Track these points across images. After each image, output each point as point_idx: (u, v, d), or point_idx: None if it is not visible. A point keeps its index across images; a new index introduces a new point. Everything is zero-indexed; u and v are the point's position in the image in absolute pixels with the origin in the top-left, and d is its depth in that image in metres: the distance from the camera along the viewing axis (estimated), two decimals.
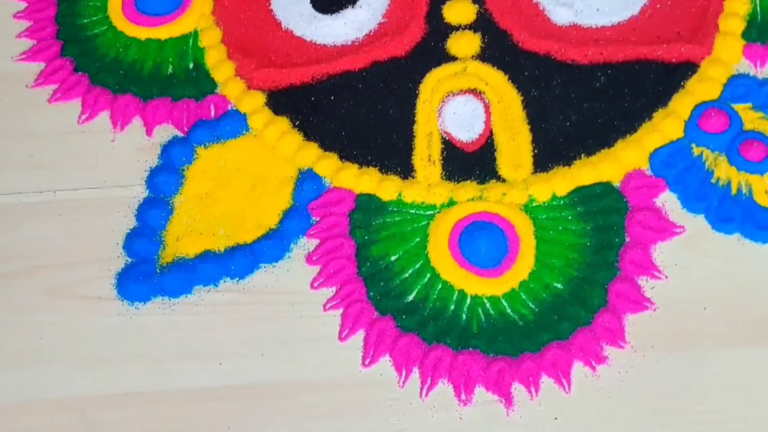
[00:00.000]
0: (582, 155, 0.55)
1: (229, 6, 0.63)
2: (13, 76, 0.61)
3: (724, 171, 0.53)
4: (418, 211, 0.54)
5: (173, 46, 0.61)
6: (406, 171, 0.55)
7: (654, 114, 0.55)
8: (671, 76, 0.56)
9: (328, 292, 0.52)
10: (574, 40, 0.58)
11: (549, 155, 0.55)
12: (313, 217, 0.54)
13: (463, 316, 0.50)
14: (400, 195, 0.54)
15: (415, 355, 0.49)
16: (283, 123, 0.57)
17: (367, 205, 0.54)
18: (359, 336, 0.50)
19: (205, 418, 0.49)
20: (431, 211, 0.54)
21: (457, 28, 0.60)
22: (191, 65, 0.61)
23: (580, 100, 0.57)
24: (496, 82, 0.58)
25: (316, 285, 0.52)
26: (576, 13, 0.60)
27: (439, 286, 0.51)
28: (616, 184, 0.53)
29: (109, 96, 0.60)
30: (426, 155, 0.56)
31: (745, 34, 0.57)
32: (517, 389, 0.48)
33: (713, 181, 0.53)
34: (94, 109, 0.59)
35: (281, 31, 0.61)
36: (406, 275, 0.52)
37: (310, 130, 0.57)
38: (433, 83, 0.58)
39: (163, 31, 0.62)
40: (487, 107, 0.57)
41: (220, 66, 0.60)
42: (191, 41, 0.61)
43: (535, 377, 0.48)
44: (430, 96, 0.58)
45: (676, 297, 0.50)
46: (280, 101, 0.59)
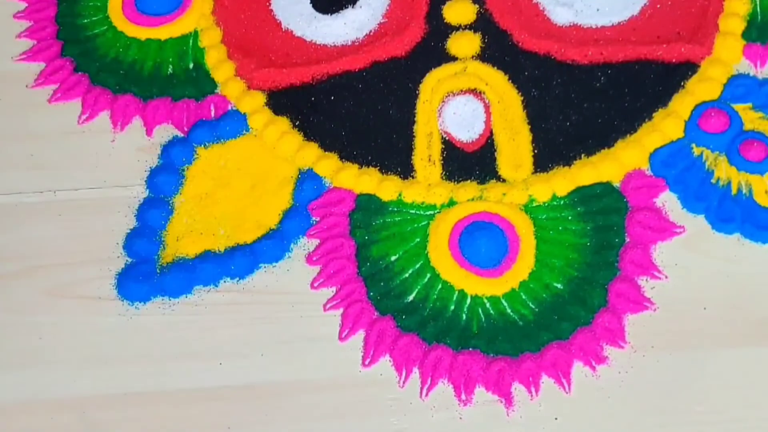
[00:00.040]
0: (582, 155, 0.55)
1: (229, 6, 0.63)
2: (13, 76, 0.61)
3: (724, 171, 0.53)
4: (418, 211, 0.54)
5: (173, 46, 0.61)
6: (406, 171, 0.55)
7: (654, 114, 0.55)
8: (671, 76, 0.56)
9: (328, 292, 0.52)
10: (574, 40, 0.58)
11: (549, 155, 0.55)
12: (313, 217, 0.54)
13: (463, 316, 0.50)
14: (400, 195, 0.54)
15: (415, 355, 0.49)
16: (283, 123, 0.57)
17: (367, 205, 0.54)
18: (359, 336, 0.50)
19: (205, 418, 0.49)
20: (431, 211, 0.54)
21: (457, 28, 0.60)
22: (191, 65, 0.61)
23: (580, 100, 0.56)
24: (496, 82, 0.58)
25: (316, 285, 0.52)
26: (576, 13, 0.59)
27: (439, 286, 0.51)
28: (616, 184, 0.53)
29: (109, 96, 0.60)
30: (426, 155, 0.56)
31: (745, 34, 0.57)
32: (517, 389, 0.48)
33: (713, 181, 0.53)
34: (94, 109, 0.59)
35: (281, 31, 0.61)
36: (406, 275, 0.52)
37: (310, 130, 0.57)
38: (433, 83, 0.58)
39: (163, 31, 0.62)
40: (487, 107, 0.57)
41: (220, 66, 0.60)
42: (191, 41, 0.61)
43: (535, 377, 0.48)
44: (430, 96, 0.57)
45: (676, 297, 0.50)
46: (280, 101, 0.59)
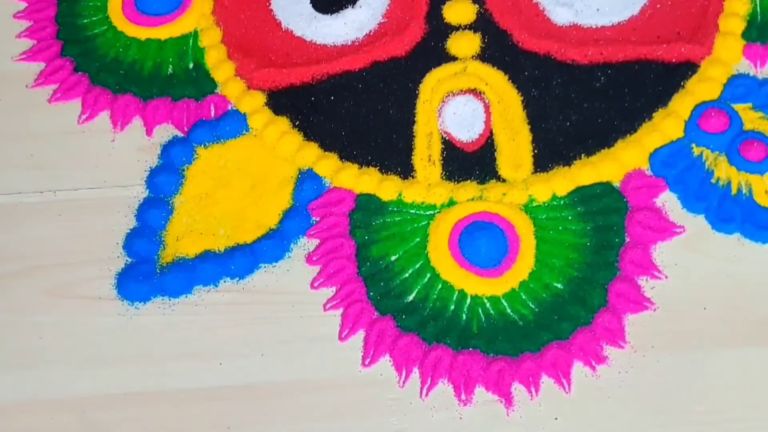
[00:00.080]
0: (582, 155, 0.55)
1: (229, 6, 0.63)
2: (13, 76, 0.61)
3: (724, 171, 0.53)
4: (418, 211, 0.54)
5: (173, 46, 0.61)
6: (406, 171, 0.55)
7: (654, 114, 0.55)
8: (671, 76, 0.56)
9: (328, 292, 0.52)
10: (574, 40, 0.58)
11: (549, 155, 0.55)
12: (313, 217, 0.54)
13: (463, 316, 0.50)
14: (400, 195, 0.54)
15: (415, 355, 0.49)
16: (283, 123, 0.57)
17: (367, 205, 0.54)
18: (359, 336, 0.50)
19: (205, 418, 0.49)
20: (431, 211, 0.54)
21: (457, 28, 0.60)
22: (191, 65, 0.61)
23: (580, 100, 0.56)
24: (496, 82, 0.58)
25: (316, 285, 0.52)
26: (576, 13, 0.59)
27: (439, 286, 0.51)
28: (616, 184, 0.53)
29: (109, 96, 0.60)
30: (426, 155, 0.56)
31: (745, 34, 0.57)
32: (517, 389, 0.48)
33: (713, 181, 0.53)
34: (94, 109, 0.59)
35: (281, 31, 0.61)
36: (406, 275, 0.52)
37: (310, 130, 0.57)
38: (433, 83, 0.58)
39: (163, 31, 0.62)
40: (487, 107, 0.57)
41: (220, 66, 0.60)
42: (191, 41, 0.61)
43: (535, 377, 0.48)
44: (430, 96, 0.57)
45: (676, 297, 0.50)
46: (280, 101, 0.59)
